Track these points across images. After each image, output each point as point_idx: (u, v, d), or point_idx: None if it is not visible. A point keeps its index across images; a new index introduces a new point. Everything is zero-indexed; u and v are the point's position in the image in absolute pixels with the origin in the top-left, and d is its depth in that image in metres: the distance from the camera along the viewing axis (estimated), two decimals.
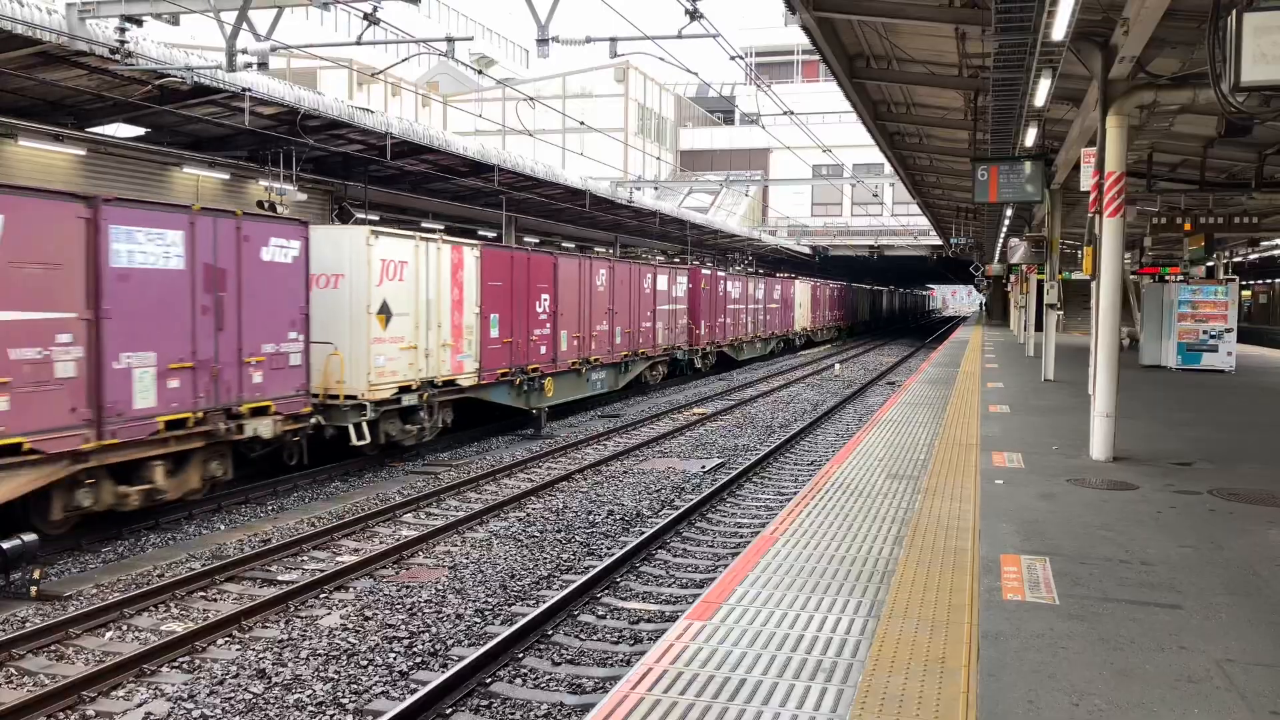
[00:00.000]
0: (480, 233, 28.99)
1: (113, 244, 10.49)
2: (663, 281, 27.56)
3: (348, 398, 14.26)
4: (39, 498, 10.02)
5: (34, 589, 9.07)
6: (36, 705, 6.68)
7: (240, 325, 12.22)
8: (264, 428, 12.38)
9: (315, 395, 13.81)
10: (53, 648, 7.94)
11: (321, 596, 9.17)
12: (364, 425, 14.32)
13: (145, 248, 10.88)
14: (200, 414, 11.60)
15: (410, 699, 6.51)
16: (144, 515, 11.53)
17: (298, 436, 13.36)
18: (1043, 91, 10.06)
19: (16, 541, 9.11)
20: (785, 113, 20.30)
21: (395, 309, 15.08)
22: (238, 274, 12.19)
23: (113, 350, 10.49)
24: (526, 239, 30.95)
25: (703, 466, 15.61)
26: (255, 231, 12.51)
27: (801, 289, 47.08)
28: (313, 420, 13.52)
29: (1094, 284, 10.65)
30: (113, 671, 7.23)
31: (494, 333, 18.18)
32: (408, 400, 15.32)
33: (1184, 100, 10.10)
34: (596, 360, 22.73)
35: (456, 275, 16.90)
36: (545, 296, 20.31)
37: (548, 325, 20.48)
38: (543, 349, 20.18)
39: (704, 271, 31.86)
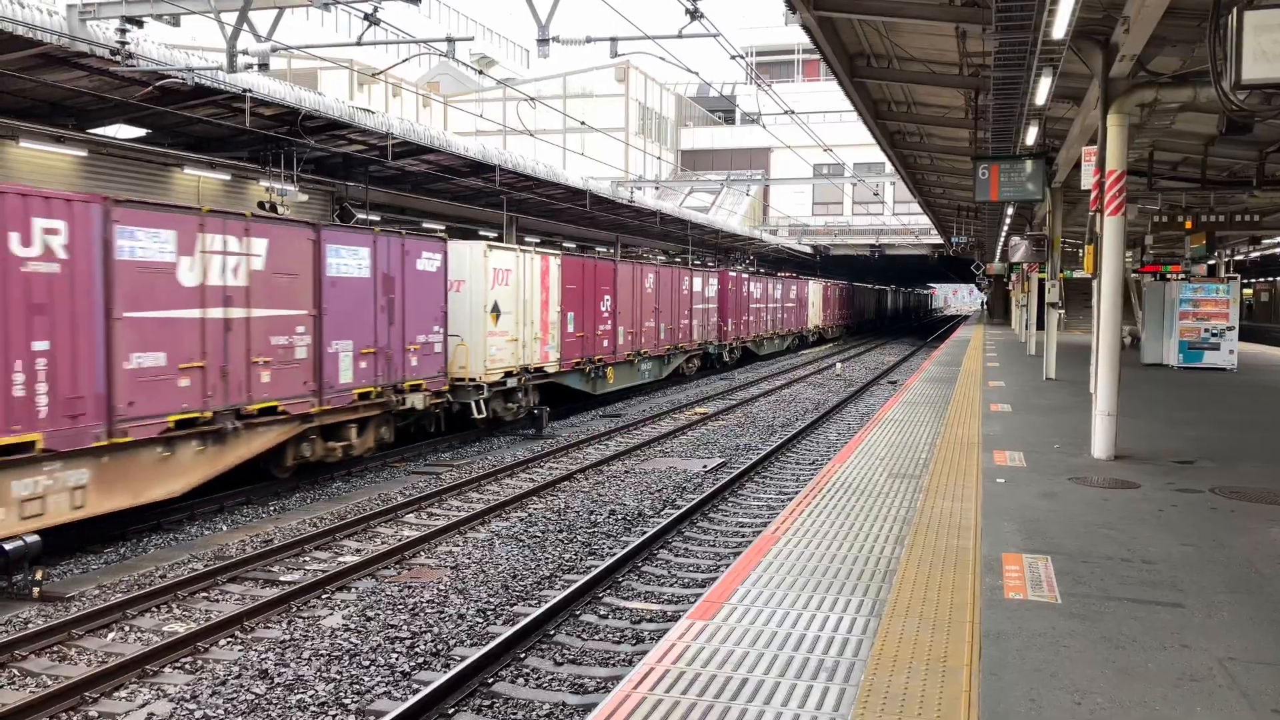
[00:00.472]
0: (481, 233, 28.99)
1: (328, 259, 13.70)
2: (698, 283, 30.84)
3: (470, 380, 17.39)
4: (277, 450, 13.10)
5: (36, 590, 9.08)
6: (39, 706, 6.69)
7: (404, 320, 15.44)
8: (418, 401, 15.60)
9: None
10: (55, 648, 7.95)
11: (324, 597, 9.18)
12: (481, 402, 17.46)
13: (346, 261, 14.10)
14: (379, 389, 14.82)
15: (412, 699, 6.52)
16: (147, 516, 11.54)
17: (438, 409, 16.53)
18: (1043, 90, 10.06)
19: (19, 542, 9.13)
20: (786, 112, 20.30)
21: (503, 308, 18.31)
22: (402, 281, 15.36)
23: (328, 339, 13.74)
24: (527, 239, 30.97)
25: (704, 466, 15.61)
26: (413, 247, 15.69)
27: (814, 289, 50.01)
28: (446, 397, 16.61)
29: (1095, 282, 10.64)
30: (115, 672, 7.23)
31: (570, 328, 21.38)
32: (510, 383, 18.56)
33: (1185, 98, 10.08)
34: (645, 353, 26.12)
35: (544, 280, 20.09)
36: (607, 298, 23.54)
37: (609, 322, 23.68)
38: (605, 342, 23.41)
39: (730, 274, 34.90)
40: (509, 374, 18.44)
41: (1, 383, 9.22)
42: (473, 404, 17.38)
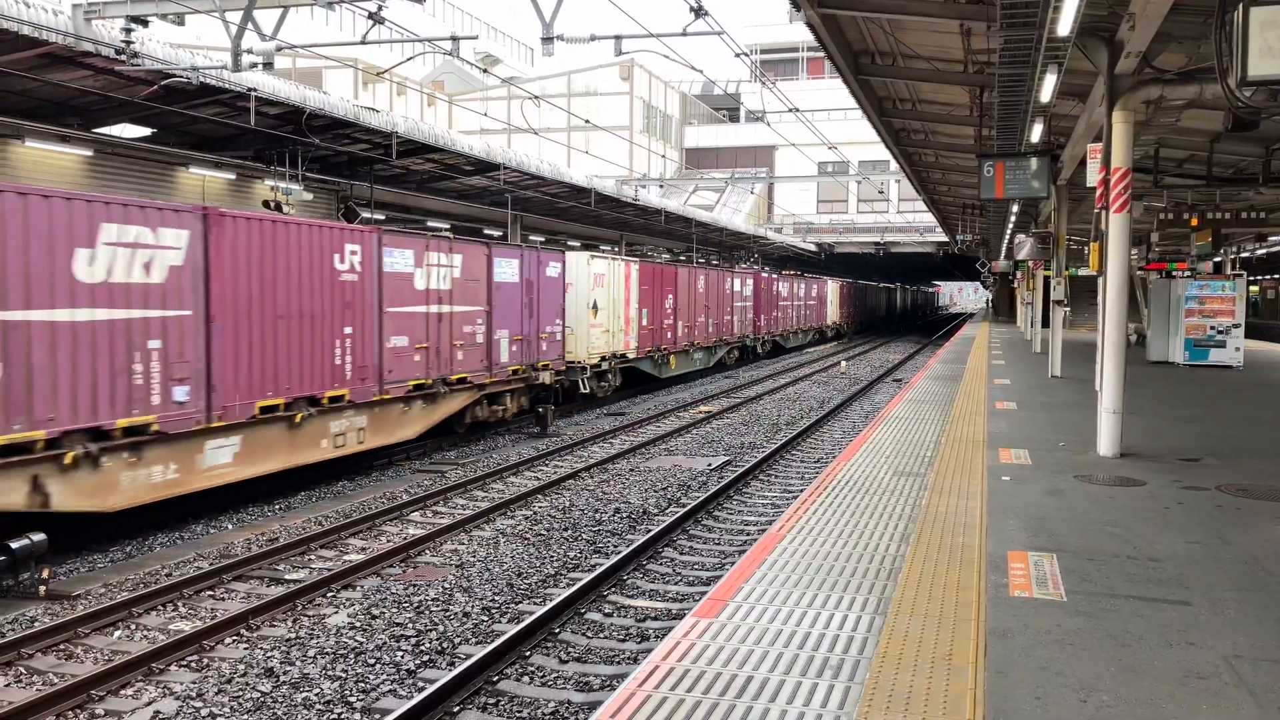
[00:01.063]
0: (486, 232, 29.00)
1: (495, 268, 17.91)
2: (737, 284, 35.70)
3: (577, 362, 21.72)
4: (460, 412, 17.03)
5: (42, 588, 9.10)
6: (46, 704, 6.70)
7: (538, 315, 19.55)
8: (545, 377, 19.63)
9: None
10: (61, 647, 7.97)
11: (329, 595, 9.19)
12: (584, 380, 21.82)
13: (504, 270, 18.24)
14: (523, 367, 18.93)
15: (418, 697, 6.52)
16: (151, 514, 11.56)
17: (557, 384, 20.51)
18: (1048, 87, 10.04)
19: (25, 541, 9.15)
20: (790, 110, 20.30)
21: (600, 305, 22.67)
22: (537, 284, 19.46)
23: (495, 328, 17.88)
24: (532, 237, 30.98)
25: (709, 464, 15.61)
26: (544, 258, 19.91)
27: (833, 288, 54.31)
28: (564, 375, 20.83)
29: (1100, 280, 10.63)
30: (121, 670, 7.25)
31: (644, 322, 25.90)
32: (604, 366, 23.11)
33: (1190, 95, 10.06)
34: (698, 344, 30.86)
35: (627, 282, 24.56)
36: (670, 296, 28.18)
37: (671, 317, 28.35)
38: (668, 334, 28.10)
39: (764, 275, 39.83)
40: (603, 358, 22.93)
41: (327, 355, 13.52)
42: (579, 380, 21.83)
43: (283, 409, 12.69)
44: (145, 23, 12.14)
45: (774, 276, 41.26)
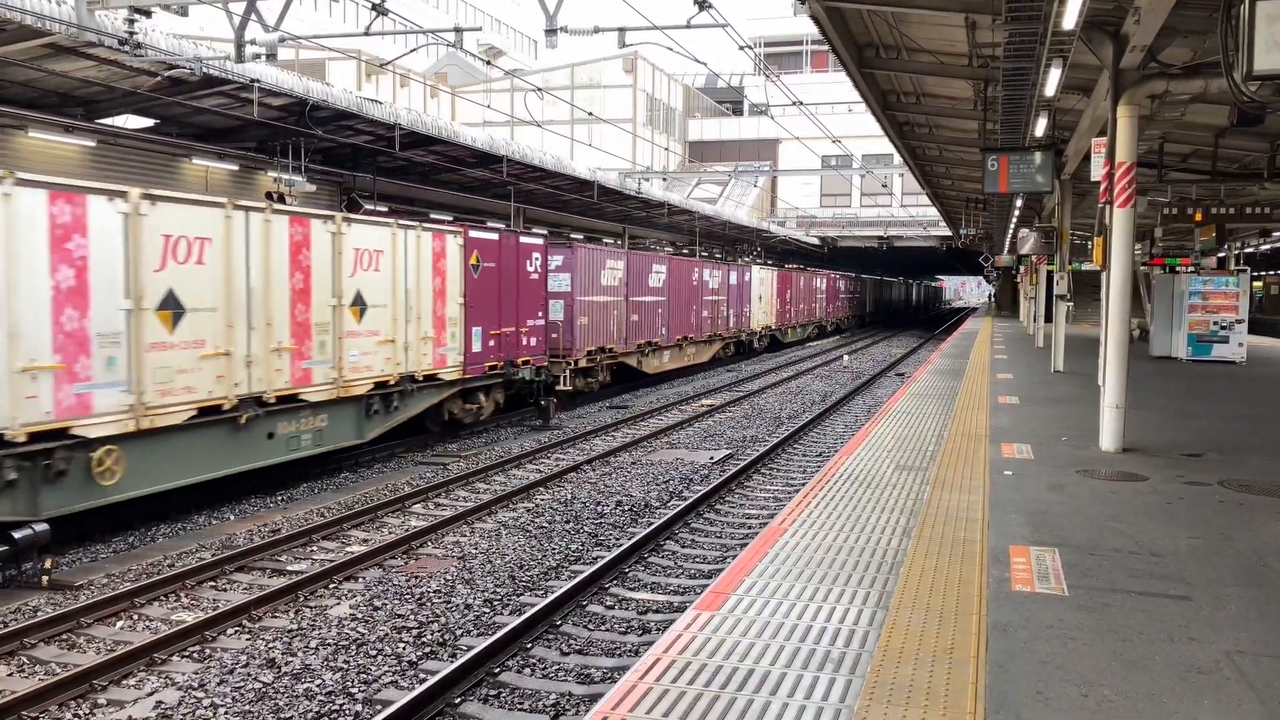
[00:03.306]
0: (489, 224, 28.95)
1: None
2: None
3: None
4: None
5: (45, 578, 9.12)
6: (48, 694, 6.72)
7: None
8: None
9: None
10: (64, 637, 7.99)
11: (331, 586, 9.21)
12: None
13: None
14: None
15: (419, 688, 6.53)
16: (153, 506, 11.57)
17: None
18: (1053, 81, 10.00)
19: (28, 531, 9.16)
20: (794, 103, 20.24)
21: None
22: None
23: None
24: (535, 229, 30.95)
25: (711, 458, 15.61)
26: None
27: (852, 283, 58.84)
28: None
29: (1104, 275, 10.61)
30: (124, 660, 7.27)
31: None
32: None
33: (1196, 90, 10.03)
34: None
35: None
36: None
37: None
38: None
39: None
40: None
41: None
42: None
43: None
44: (148, 13, 12.11)
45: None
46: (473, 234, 16.95)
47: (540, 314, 19.14)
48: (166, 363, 10.72)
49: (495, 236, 17.72)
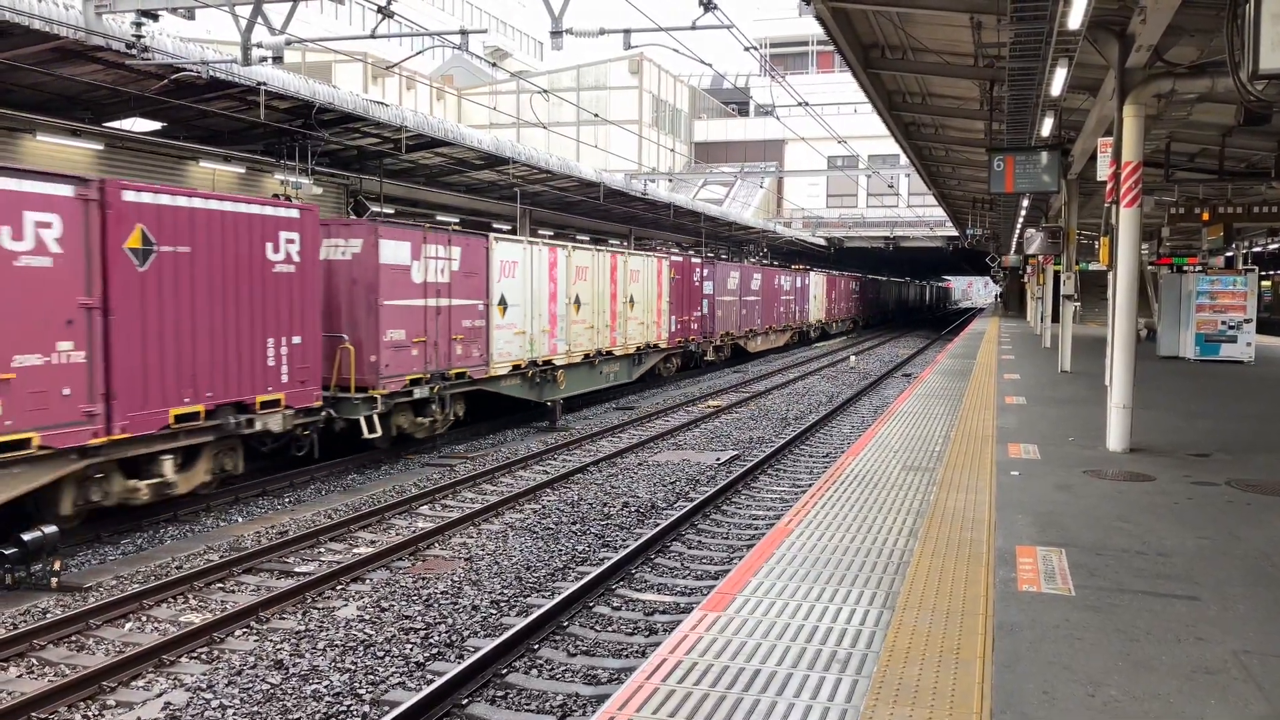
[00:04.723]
0: (495, 226, 29.01)
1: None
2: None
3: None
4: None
5: (54, 580, 9.15)
6: (58, 695, 6.74)
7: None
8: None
9: None
10: (73, 638, 8.02)
11: (338, 588, 9.23)
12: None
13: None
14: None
15: (426, 690, 6.55)
16: (161, 508, 11.61)
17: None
18: (1059, 81, 10.00)
19: (37, 533, 9.20)
20: (800, 104, 20.24)
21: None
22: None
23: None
24: (541, 231, 31.01)
25: (717, 459, 15.61)
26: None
27: (873, 285, 61.94)
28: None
29: (1111, 275, 10.59)
30: (132, 662, 7.29)
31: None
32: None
33: (1202, 89, 10.01)
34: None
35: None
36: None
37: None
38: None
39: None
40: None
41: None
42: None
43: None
44: (155, 17, 12.16)
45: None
46: (672, 259, 26.18)
47: (698, 310, 27.66)
48: (576, 330, 20.72)
49: (680, 259, 26.45)
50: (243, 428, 11.94)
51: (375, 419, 14.26)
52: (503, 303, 17.92)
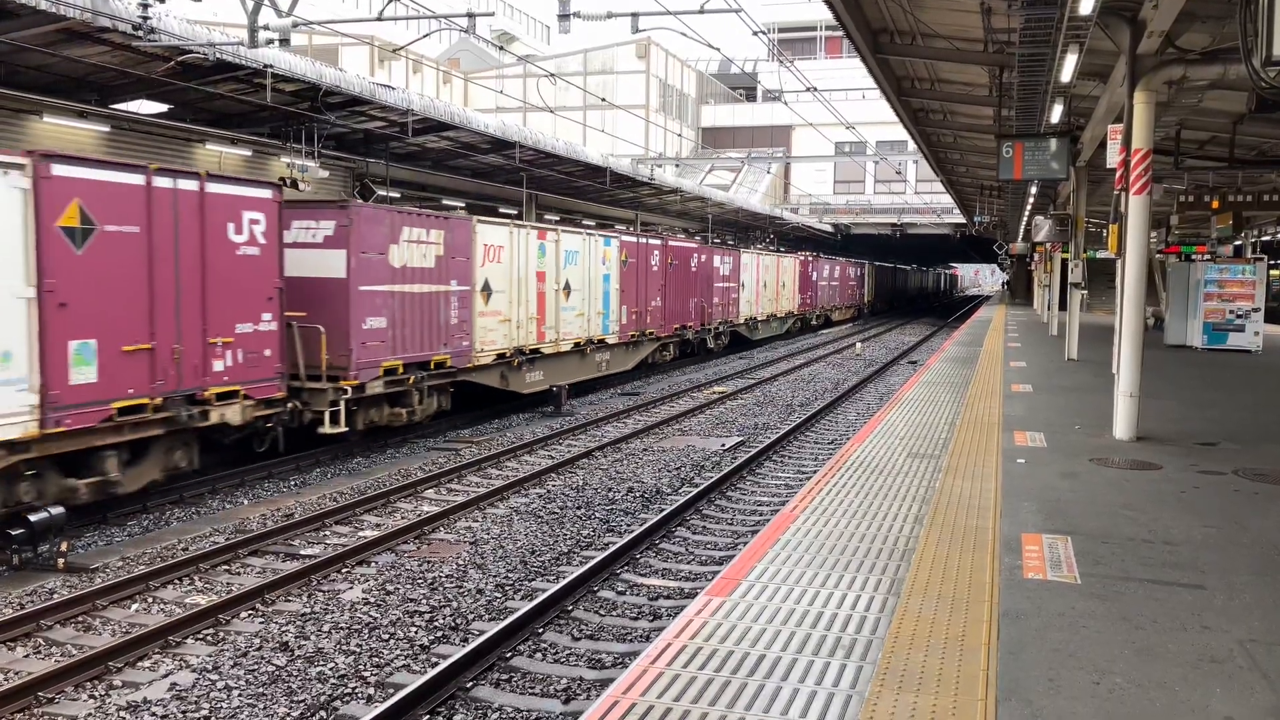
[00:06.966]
0: (501, 210, 28.98)
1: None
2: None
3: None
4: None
5: (61, 561, 9.19)
6: (64, 675, 6.78)
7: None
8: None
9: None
10: (80, 619, 8.05)
11: (344, 571, 9.26)
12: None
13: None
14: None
15: (431, 672, 6.57)
16: (167, 489, 11.65)
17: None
18: (1069, 67, 9.92)
19: (44, 514, 9.24)
20: (808, 89, 20.17)
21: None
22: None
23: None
24: (547, 216, 30.96)
25: (723, 445, 15.61)
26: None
27: (871, 270, 60.40)
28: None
29: (1119, 263, 10.55)
30: (139, 643, 7.33)
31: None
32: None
33: (1213, 76, 9.93)
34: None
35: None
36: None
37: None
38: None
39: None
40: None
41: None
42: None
43: None
44: None
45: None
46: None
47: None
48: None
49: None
50: (682, 337, 18.82)
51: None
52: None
